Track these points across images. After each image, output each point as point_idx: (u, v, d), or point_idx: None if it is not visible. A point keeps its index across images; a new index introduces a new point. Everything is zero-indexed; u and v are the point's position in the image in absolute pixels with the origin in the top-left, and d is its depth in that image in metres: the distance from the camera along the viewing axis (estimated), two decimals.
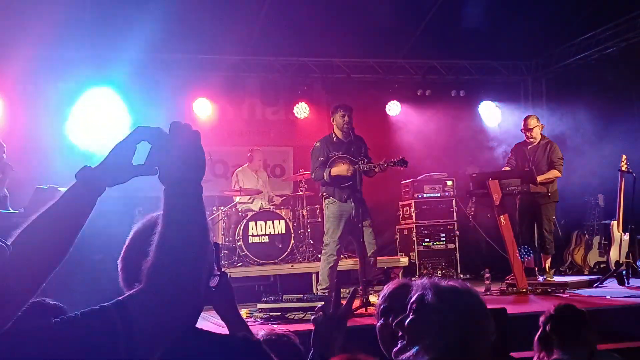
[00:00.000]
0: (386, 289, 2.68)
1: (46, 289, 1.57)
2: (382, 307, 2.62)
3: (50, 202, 1.61)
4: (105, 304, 1.46)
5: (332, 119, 7.77)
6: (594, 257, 9.86)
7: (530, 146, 8.69)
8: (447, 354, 2.13)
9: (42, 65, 9.57)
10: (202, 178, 1.59)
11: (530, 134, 8.65)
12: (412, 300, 2.26)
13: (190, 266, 1.52)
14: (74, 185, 1.62)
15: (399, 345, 2.23)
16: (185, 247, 1.52)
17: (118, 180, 1.64)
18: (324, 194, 7.75)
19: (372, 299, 6.87)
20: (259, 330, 2.81)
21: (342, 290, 8.89)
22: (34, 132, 9.42)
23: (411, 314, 2.23)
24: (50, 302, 1.64)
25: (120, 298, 1.47)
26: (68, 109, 9.83)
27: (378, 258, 7.90)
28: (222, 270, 2.14)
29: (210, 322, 5.35)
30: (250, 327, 2.38)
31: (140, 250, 1.84)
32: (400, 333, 2.24)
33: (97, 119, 9.97)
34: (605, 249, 9.41)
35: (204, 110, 10.75)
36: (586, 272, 9.77)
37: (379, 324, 2.57)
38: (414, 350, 2.16)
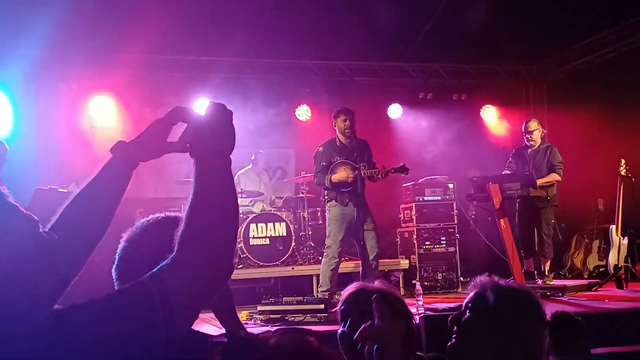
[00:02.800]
0: (345, 292, 2.62)
1: None
2: (341, 310, 2.57)
3: (87, 179, 1.66)
4: (141, 278, 1.48)
5: (334, 123, 7.79)
6: (593, 260, 9.89)
7: (530, 150, 8.72)
8: (501, 355, 2.15)
9: (43, 66, 9.58)
10: (231, 152, 1.64)
11: (531, 137, 8.67)
12: (470, 298, 2.26)
13: (222, 231, 1.55)
14: (110, 160, 1.67)
15: (453, 341, 2.23)
16: (216, 214, 1.55)
17: (151, 155, 1.69)
18: (326, 197, 7.79)
19: None
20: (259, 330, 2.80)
21: (341, 293, 8.92)
22: (36, 133, 9.44)
23: (468, 311, 2.23)
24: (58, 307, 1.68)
25: (154, 270, 1.48)
26: (70, 109, 9.86)
27: (379, 261, 7.93)
28: None
29: (210, 324, 5.38)
30: (249, 329, 2.40)
31: (135, 259, 1.87)
32: (455, 328, 2.24)
33: (98, 119, 10.00)
34: (604, 253, 9.43)
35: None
36: (585, 276, 9.80)
37: (340, 330, 2.49)
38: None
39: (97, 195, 1.64)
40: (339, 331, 2.44)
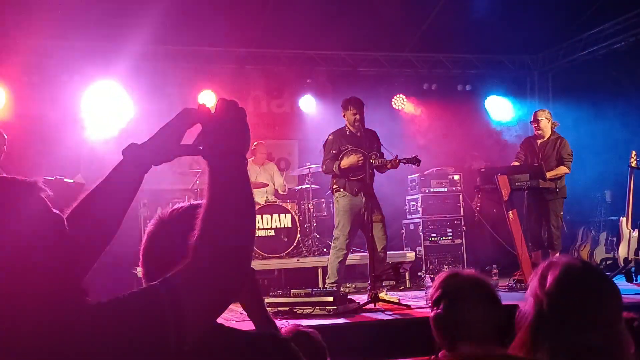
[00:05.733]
0: (437, 279, 2.68)
1: None
2: (434, 296, 2.63)
3: (98, 180, 1.65)
4: (154, 283, 1.43)
5: (343, 114, 7.72)
6: (600, 253, 9.83)
7: (540, 141, 8.62)
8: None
9: (47, 56, 9.53)
10: (246, 152, 1.60)
11: (538, 126, 8.56)
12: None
13: (238, 236, 1.50)
14: (121, 162, 1.65)
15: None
16: (232, 221, 1.50)
17: (164, 159, 1.66)
18: (335, 186, 7.70)
19: (381, 295, 6.81)
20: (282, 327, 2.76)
21: (347, 285, 8.84)
22: (40, 123, 9.37)
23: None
24: None
25: (167, 275, 1.43)
26: (74, 100, 9.79)
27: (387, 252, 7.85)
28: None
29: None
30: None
31: (162, 243, 1.81)
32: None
33: (103, 110, 9.91)
34: (611, 246, 9.37)
35: (209, 102, 10.68)
36: None
37: (433, 313, 2.58)
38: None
39: (106, 198, 1.63)
40: (433, 314, 2.55)
